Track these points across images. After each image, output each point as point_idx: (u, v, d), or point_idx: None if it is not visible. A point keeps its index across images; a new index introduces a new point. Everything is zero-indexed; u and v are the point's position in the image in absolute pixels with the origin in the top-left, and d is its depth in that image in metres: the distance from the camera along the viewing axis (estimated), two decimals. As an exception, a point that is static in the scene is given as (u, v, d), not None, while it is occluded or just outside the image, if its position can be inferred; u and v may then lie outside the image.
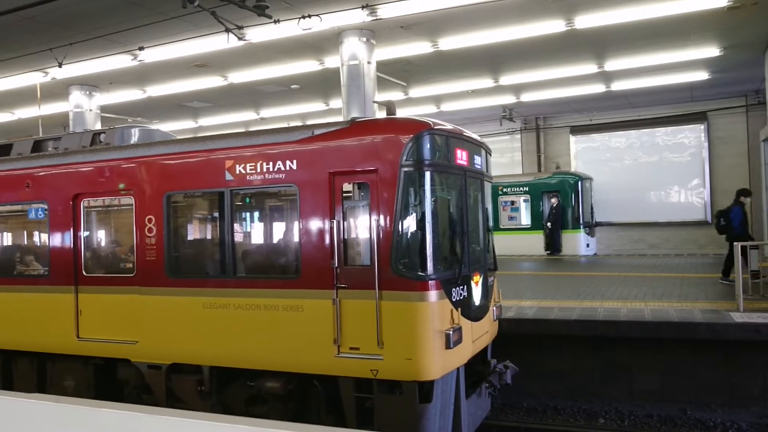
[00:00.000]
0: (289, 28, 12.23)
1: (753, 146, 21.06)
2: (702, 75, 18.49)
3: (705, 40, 15.13)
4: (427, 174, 6.42)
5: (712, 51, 15.90)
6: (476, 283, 7.23)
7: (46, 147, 9.33)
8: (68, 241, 8.17)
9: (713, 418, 8.63)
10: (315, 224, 6.59)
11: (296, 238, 6.76)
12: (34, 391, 8.30)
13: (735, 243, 10.34)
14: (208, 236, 8.03)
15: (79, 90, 17.59)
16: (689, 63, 16.94)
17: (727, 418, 8.62)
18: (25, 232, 9.70)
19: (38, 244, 9.13)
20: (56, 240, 8.29)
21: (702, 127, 22.95)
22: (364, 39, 13.48)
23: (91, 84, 17.42)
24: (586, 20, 13.05)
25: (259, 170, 6.90)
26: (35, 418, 3.46)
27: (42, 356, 8.46)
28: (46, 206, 8.46)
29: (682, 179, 23.41)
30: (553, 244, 20.95)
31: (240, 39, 12.86)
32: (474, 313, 7.08)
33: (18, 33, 12.76)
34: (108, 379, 8.01)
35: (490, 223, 8.23)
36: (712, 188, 22.85)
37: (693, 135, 23.25)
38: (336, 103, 20.20)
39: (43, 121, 17.78)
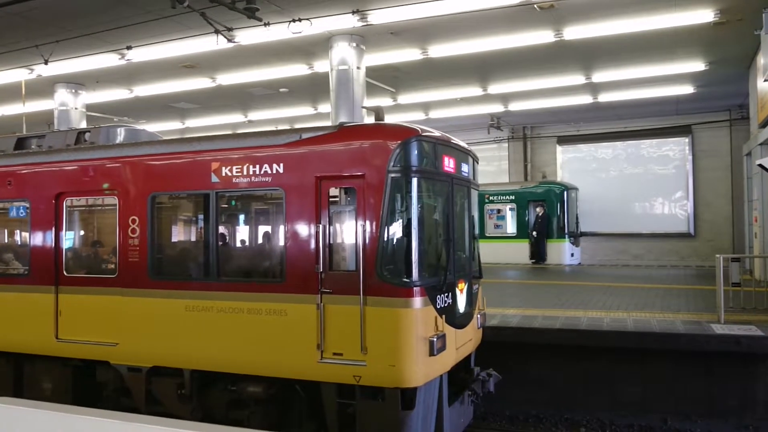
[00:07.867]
0: (278, 32, 12.21)
1: (736, 160, 21.35)
2: (687, 89, 18.72)
3: (691, 55, 15.33)
4: (414, 180, 6.43)
5: (698, 65, 16.12)
6: (461, 290, 7.23)
7: (30, 145, 9.22)
8: (50, 241, 8.06)
9: (693, 428, 8.70)
10: (301, 228, 6.56)
11: (281, 242, 6.73)
12: (11, 392, 8.17)
13: (717, 255, 10.42)
14: (193, 238, 7.96)
15: (64, 88, 17.40)
16: (675, 77, 17.15)
17: (706, 428, 8.69)
18: (5, 230, 9.56)
19: (19, 243, 9.01)
20: (37, 239, 8.17)
21: (686, 140, 23.27)
22: (354, 44, 13.49)
23: (77, 82, 17.25)
24: (575, 32, 13.17)
25: (245, 173, 6.86)
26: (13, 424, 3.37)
27: (19, 356, 8.32)
28: (27, 204, 8.34)
29: (666, 191, 23.69)
30: (538, 253, 21.06)
31: (229, 41, 12.81)
32: (458, 321, 7.08)
33: (4, 29, 12.62)
34: (87, 382, 7.90)
35: (476, 231, 8.25)
36: (696, 201, 23.15)
37: (678, 148, 23.57)
38: (324, 107, 20.18)
39: (27, 119, 17.61)
